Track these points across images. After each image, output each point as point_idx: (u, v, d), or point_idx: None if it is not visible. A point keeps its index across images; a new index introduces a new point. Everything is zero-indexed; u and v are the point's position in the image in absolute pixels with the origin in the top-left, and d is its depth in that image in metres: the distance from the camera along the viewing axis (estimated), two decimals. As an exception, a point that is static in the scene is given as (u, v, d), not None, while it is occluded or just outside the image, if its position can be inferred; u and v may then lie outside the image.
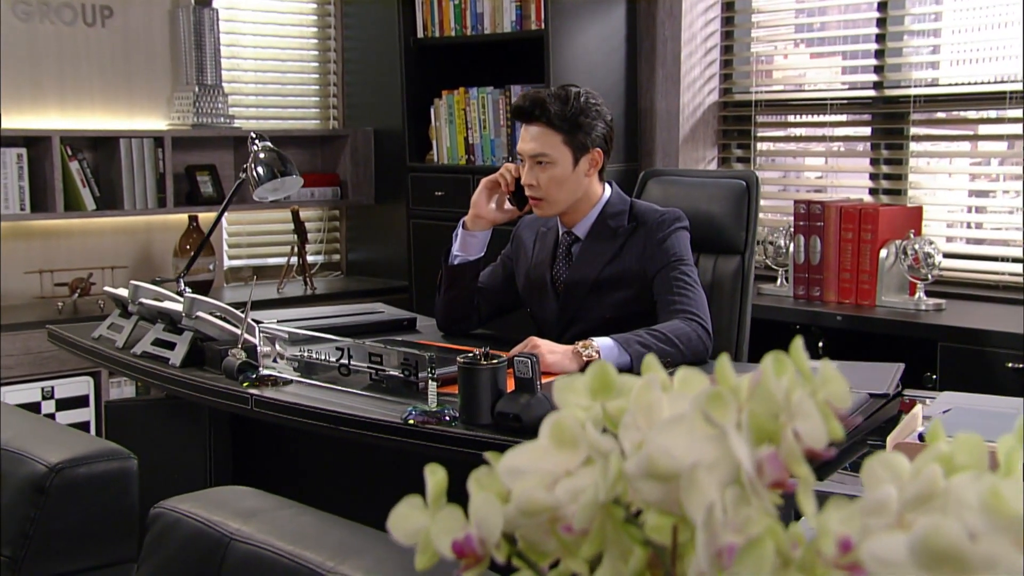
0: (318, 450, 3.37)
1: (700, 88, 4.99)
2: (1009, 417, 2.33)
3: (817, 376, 0.78)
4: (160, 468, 3.41)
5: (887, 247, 4.06)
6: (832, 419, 0.76)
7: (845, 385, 0.76)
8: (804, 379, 0.77)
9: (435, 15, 5.06)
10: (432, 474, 0.85)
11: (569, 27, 4.69)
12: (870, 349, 3.92)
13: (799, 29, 4.95)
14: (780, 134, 4.99)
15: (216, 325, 2.99)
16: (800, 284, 4.26)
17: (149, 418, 3.32)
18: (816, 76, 4.93)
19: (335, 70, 5.91)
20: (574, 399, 0.91)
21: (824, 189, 4.81)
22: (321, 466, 3.42)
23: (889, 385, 2.67)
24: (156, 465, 3.42)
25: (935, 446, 0.87)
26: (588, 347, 2.86)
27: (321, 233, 5.95)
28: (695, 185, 3.57)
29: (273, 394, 2.72)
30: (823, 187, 4.85)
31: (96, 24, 5.11)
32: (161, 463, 3.41)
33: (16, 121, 4.92)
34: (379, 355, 2.63)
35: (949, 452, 0.86)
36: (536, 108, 3.11)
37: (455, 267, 3.28)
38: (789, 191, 5.04)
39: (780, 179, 5.11)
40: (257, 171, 3.27)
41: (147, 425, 3.37)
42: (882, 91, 4.58)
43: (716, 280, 3.43)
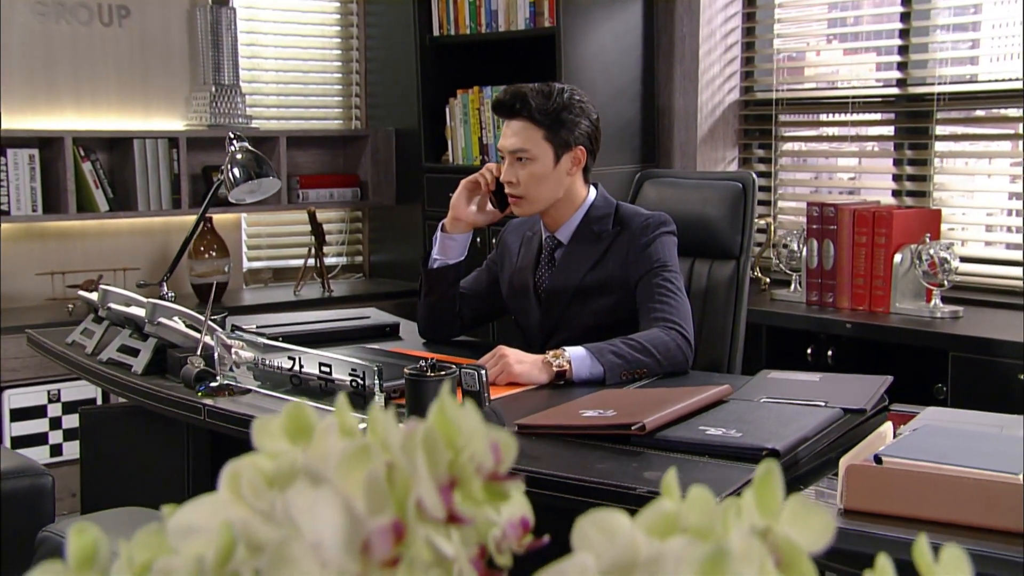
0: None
1: (720, 86, 4.84)
2: (987, 438, 2.18)
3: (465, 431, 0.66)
4: (137, 477, 3.35)
5: (902, 251, 3.89)
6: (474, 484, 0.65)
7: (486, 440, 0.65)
8: (442, 434, 0.66)
9: (450, 13, 4.98)
10: (78, 535, 0.74)
11: (583, 24, 4.57)
12: (881, 358, 3.76)
13: (824, 25, 4.79)
14: (802, 133, 4.83)
15: (179, 331, 2.91)
16: (813, 289, 4.11)
17: (125, 425, 3.25)
18: (842, 73, 4.77)
19: (358, 69, 5.84)
20: (270, 443, 0.80)
21: (856, 191, 4.65)
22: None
23: (869, 400, 2.52)
24: (132, 473, 3.36)
25: (660, 503, 0.75)
26: (559, 357, 2.75)
27: (343, 235, 5.88)
28: (691, 187, 3.44)
29: (227, 404, 2.63)
30: (853, 188, 4.69)
31: (113, 24, 5.08)
32: (138, 471, 3.34)
33: (31, 122, 4.90)
34: (328, 365, 2.53)
35: (675, 511, 0.75)
36: (517, 102, 3.01)
37: (434, 271, 3.18)
38: (818, 192, 4.87)
39: (802, 180, 4.94)
40: (233, 172, 3.20)
41: (123, 432, 3.30)
42: (906, 89, 4.41)
43: (711, 286, 3.30)
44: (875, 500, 1.91)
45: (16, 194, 4.74)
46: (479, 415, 0.67)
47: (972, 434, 2.17)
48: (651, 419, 2.25)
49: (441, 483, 0.61)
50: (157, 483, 3.30)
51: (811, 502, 0.72)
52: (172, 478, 3.26)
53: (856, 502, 1.93)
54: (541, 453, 2.25)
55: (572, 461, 2.19)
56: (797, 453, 2.21)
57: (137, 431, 3.24)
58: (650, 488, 1.98)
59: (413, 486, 0.62)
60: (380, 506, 0.62)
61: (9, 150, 4.74)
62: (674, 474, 0.75)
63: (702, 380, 2.78)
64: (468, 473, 0.63)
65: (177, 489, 3.25)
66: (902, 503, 1.89)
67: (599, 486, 2.03)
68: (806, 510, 0.72)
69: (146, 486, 3.33)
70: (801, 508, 0.72)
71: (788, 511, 0.73)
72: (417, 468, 0.61)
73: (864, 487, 1.93)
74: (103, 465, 3.35)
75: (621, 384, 2.75)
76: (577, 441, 2.29)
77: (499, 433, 0.68)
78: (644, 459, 2.17)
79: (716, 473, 2.08)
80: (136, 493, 3.35)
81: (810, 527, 0.72)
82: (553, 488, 2.09)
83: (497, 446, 0.66)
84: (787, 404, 2.49)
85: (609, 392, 2.62)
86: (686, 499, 0.75)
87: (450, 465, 0.63)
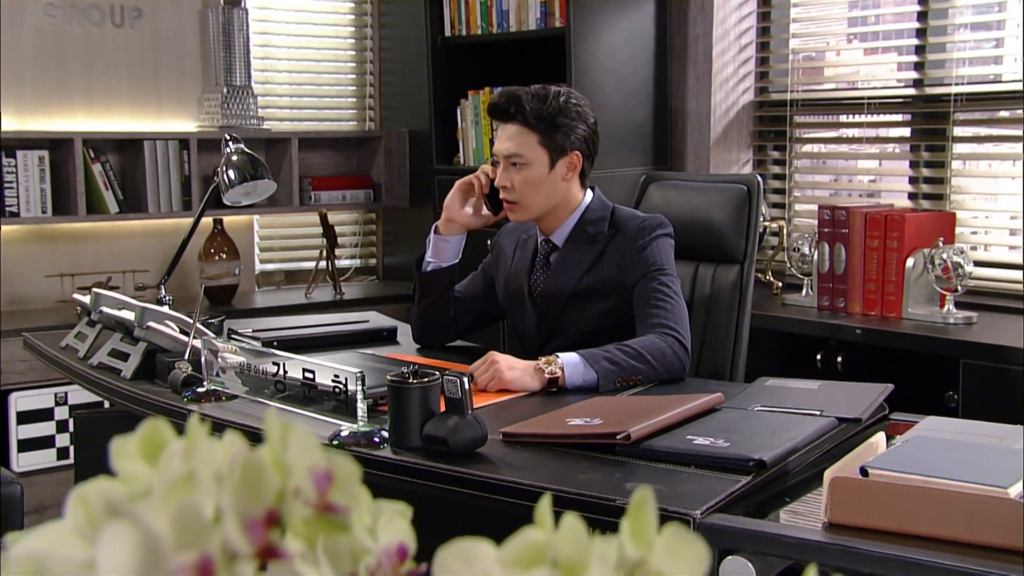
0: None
1: (734, 87, 4.77)
2: (980, 450, 2.11)
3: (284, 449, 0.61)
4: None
5: (914, 256, 3.81)
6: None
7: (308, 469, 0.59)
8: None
9: (462, 13, 4.93)
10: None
11: (594, 24, 4.51)
12: (892, 365, 3.68)
13: (840, 25, 4.71)
14: (817, 135, 4.75)
15: (169, 335, 2.87)
16: (824, 294, 4.02)
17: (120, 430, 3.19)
18: (858, 74, 4.69)
19: (372, 70, 5.79)
20: (127, 465, 0.75)
21: (875, 193, 4.56)
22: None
23: (866, 409, 2.45)
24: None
25: (527, 533, 0.70)
26: (551, 363, 2.70)
27: (356, 237, 5.84)
28: (696, 190, 3.37)
29: (212, 410, 2.59)
30: (869, 191, 4.60)
31: (124, 25, 5.05)
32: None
33: (43, 123, 4.88)
34: (311, 371, 2.48)
35: (544, 541, 0.69)
36: (512, 106, 2.96)
37: (427, 274, 3.13)
38: (837, 195, 4.78)
39: (817, 182, 4.86)
40: (228, 175, 3.16)
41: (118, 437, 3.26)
42: (923, 89, 4.33)
43: (714, 291, 3.23)
44: (860, 514, 1.85)
45: (25, 195, 4.72)
46: (312, 440, 0.61)
47: (965, 446, 2.10)
48: (636, 428, 2.19)
49: (255, 516, 0.56)
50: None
51: (686, 532, 0.67)
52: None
53: (841, 515, 1.87)
54: (524, 463, 2.20)
55: (555, 471, 2.14)
56: (787, 464, 2.15)
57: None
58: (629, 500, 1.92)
59: (222, 520, 0.57)
60: (190, 541, 0.56)
61: (19, 151, 4.72)
62: (548, 502, 0.70)
63: (698, 387, 2.72)
64: (293, 505, 0.58)
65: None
66: (888, 517, 1.83)
67: (578, 497, 1.98)
68: (681, 541, 0.67)
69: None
70: (676, 539, 0.67)
71: (663, 542, 0.67)
72: (224, 501, 0.56)
73: (849, 500, 1.86)
74: (98, 470, 3.30)
75: (616, 391, 2.69)
76: (562, 450, 2.24)
77: (338, 459, 0.62)
78: (628, 469, 2.12)
79: (700, 484, 2.02)
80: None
81: (685, 558, 0.67)
82: (532, 499, 2.03)
83: (329, 474, 0.60)
84: (780, 413, 2.43)
85: (598, 400, 2.56)
86: (559, 528, 0.70)
87: (277, 496, 0.58)
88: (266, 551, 0.56)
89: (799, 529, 1.95)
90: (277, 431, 0.61)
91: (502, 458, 2.22)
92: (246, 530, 0.55)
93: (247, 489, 0.57)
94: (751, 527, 1.88)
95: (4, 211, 4.70)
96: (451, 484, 2.15)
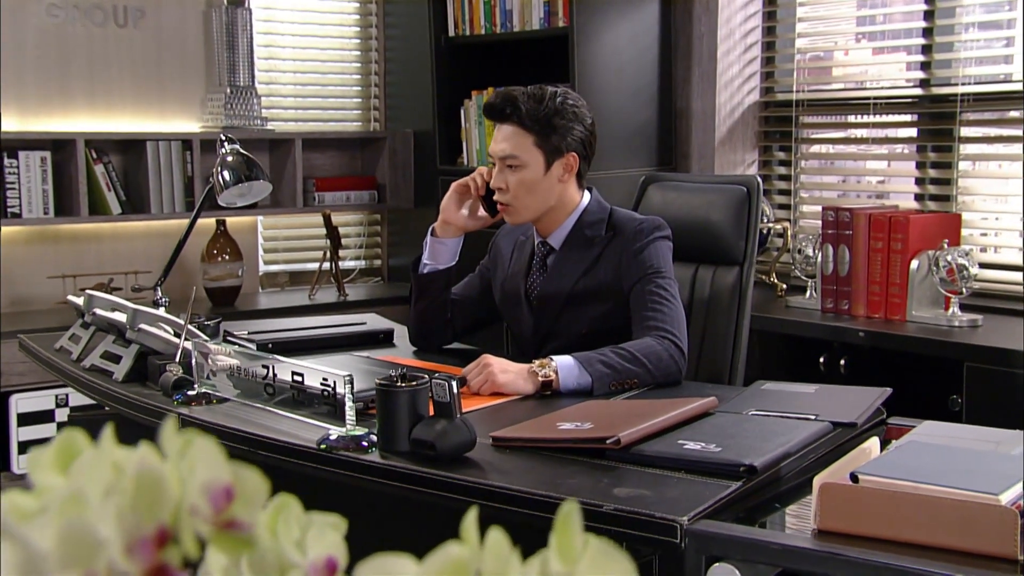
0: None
1: (739, 87, 4.73)
2: (974, 455, 2.07)
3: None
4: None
5: (919, 258, 3.76)
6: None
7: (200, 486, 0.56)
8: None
9: (466, 12, 4.90)
10: None
11: (598, 24, 4.47)
12: (896, 368, 3.64)
13: (847, 24, 4.66)
14: (823, 136, 4.71)
15: (161, 338, 2.84)
16: (828, 297, 3.98)
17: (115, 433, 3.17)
18: (864, 73, 4.64)
19: (377, 70, 5.77)
20: (43, 477, 0.72)
21: (884, 195, 4.51)
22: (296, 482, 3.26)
23: (861, 414, 2.41)
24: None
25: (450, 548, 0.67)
26: (545, 366, 2.66)
27: (361, 238, 5.81)
28: (695, 191, 3.34)
29: (202, 413, 2.56)
30: (876, 192, 4.56)
31: (128, 25, 5.03)
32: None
33: (45, 124, 4.87)
34: (300, 374, 2.45)
35: (467, 556, 0.66)
36: (507, 106, 2.93)
37: (424, 276, 3.10)
38: (845, 196, 4.73)
39: (823, 183, 4.81)
40: (223, 175, 3.13)
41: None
42: (929, 89, 4.28)
43: (713, 293, 3.19)
44: (850, 520, 1.82)
45: (27, 196, 4.70)
46: (214, 454, 0.58)
47: (959, 452, 2.07)
48: (627, 433, 2.16)
49: (145, 535, 0.53)
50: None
51: (611, 547, 0.64)
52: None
53: (830, 522, 1.83)
54: (513, 467, 2.17)
55: (543, 476, 2.11)
56: (779, 469, 2.12)
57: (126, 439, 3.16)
58: (617, 506, 1.90)
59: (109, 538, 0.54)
60: (76, 561, 0.53)
61: (20, 152, 4.71)
62: (474, 516, 0.67)
63: (695, 391, 2.68)
64: (187, 523, 0.55)
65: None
66: (878, 524, 1.79)
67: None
68: (606, 556, 0.64)
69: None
70: (602, 554, 0.64)
71: (588, 557, 0.65)
72: (111, 518, 0.53)
73: (839, 506, 1.83)
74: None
75: (610, 395, 2.66)
76: (552, 455, 2.20)
77: (243, 474, 0.59)
78: (617, 475, 2.09)
79: (689, 489, 1.99)
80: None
81: (611, 573, 0.64)
82: (519, 504, 2.01)
83: (231, 489, 0.57)
84: (775, 417, 2.39)
85: (591, 404, 2.53)
86: (484, 544, 0.67)
87: (172, 513, 0.55)
88: (156, 571, 0.53)
89: (787, 536, 1.91)
90: (177, 444, 0.58)
91: (490, 463, 2.19)
92: (134, 549, 0.52)
93: (140, 505, 0.54)
94: (738, 534, 1.84)
95: (6, 212, 4.69)
96: (438, 489, 2.12)
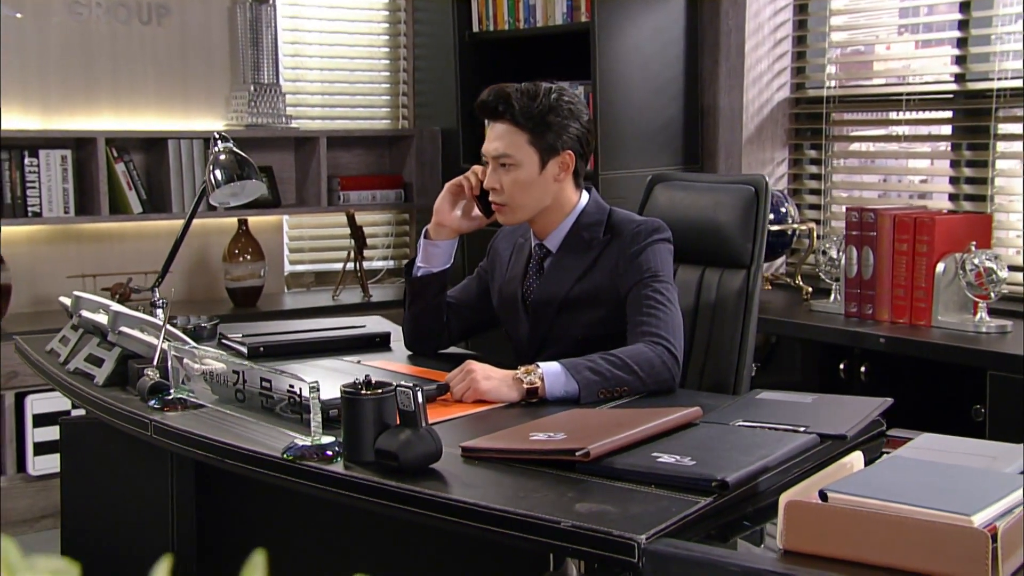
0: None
1: (768, 83, 4.59)
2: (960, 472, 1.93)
3: None
4: (119, 492, 3.22)
5: (945, 260, 3.61)
6: None
7: None
8: None
9: (489, 8, 4.83)
10: None
11: (621, 18, 4.36)
12: (917, 376, 3.50)
13: (882, 17, 4.50)
14: (854, 133, 4.56)
15: (142, 341, 2.77)
16: (852, 300, 3.83)
17: (106, 437, 3.11)
18: (899, 68, 4.48)
19: (405, 67, 5.69)
20: None
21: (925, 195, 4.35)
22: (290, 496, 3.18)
23: (853, 426, 2.28)
24: (114, 489, 3.23)
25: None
26: (531, 373, 2.56)
27: (389, 238, 5.73)
28: (703, 190, 3.21)
29: (174, 420, 2.49)
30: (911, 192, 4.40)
31: (152, 22, 5.00)
32: (119, 487, 3.21)
33: (68, 122, 4.84)
34: (268, 380, 2.37)
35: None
36: (500, 103, 2.82)
37: (417, 280, 3.00)
38: (885, 196, 4.57)
39: (855, 183, 4.66)
40: (215, 175, 3.05)
41: (105, 445, 3.16)
42: (964, 84, 4.12)
43: (720, 297, 3.06)
44: (816, 541, 1.70)
45: (48, 195, 4.68)
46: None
47: (942, 468, 1.93)
48: (597, 445, 2.06)
49: None
50: (139, 499, 3.17)
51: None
52: (155, 495, 3.12)
53: (796, 543, 1.72)
54: (478, 480, 2.08)
55: (507, 490, 2.02)
56: (757, 485, 2.00)
57: (119, 444, 3.10)
58: (575, 523, 1.79)
59: None
60: None
61: (42, 151, 4.68)
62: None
63: (688, 400, 2.57)
64: None
65: (160, 507, 3.11)
66: (845, 545, 1.68)
67: (522, 519, 1.85)
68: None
69: (128, 502, 3.20)
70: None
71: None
72: None
73: (805, 526, 1.71)
74: (84, 479, 3.22)
75: (599, 403, 2.55)
76: (522, 467, 2.10)
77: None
78: (584, 489, 1.98)
79: (654, 505, 1.88)
80: (118, 510, 3.22)
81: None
82: (478, 519, 1.91)
83: None
84: (761, 428, 2.27)
85: (571, 413, 2.42)
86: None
87: None
88: None
89: (749, 556, 1.80)
90: None
91: (456, 475, 2.09)
92: None
93: None
94: (697, 554, 1.73)
95: (27, 211, 4.67)
96: (398, 502, 2.03)
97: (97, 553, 3.21)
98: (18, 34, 4.75)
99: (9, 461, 4.47)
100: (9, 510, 4.45)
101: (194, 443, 2.39)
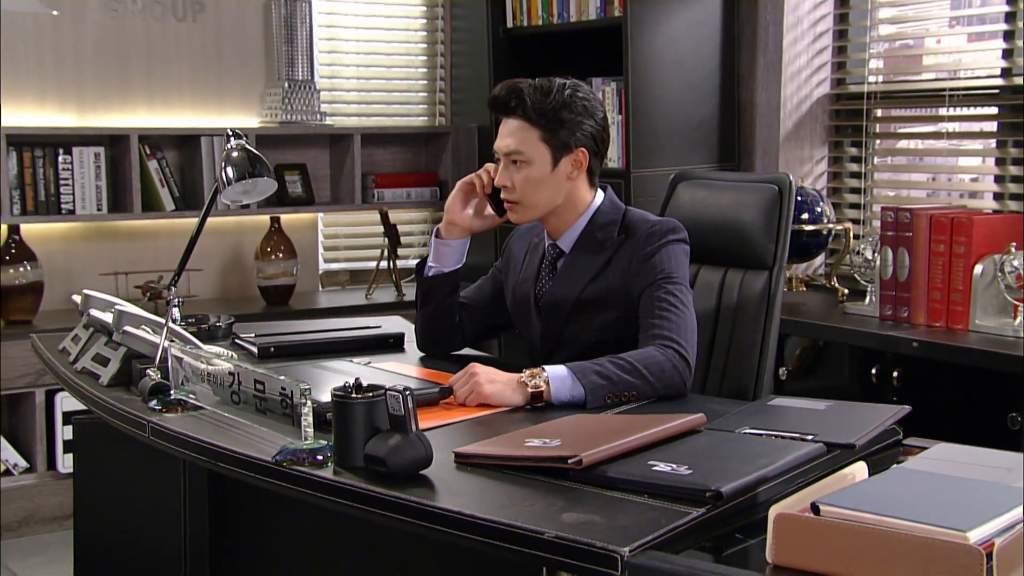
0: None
1: (807, 79, 4.47)
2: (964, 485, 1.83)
3: None
4: (131, 493, 3.18)
5: (983, 262, 3.49)
6: None
7: None
8: None
9: (523, 3, 4.78)
10: None
11: (655, 13, 4.28)
12: (952, 382, 3.38)
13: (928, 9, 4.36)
14: (896, 130, 4.44)
15: (147, 340, 2.72)
16: (887, 303, 3.72)
17: (118, 438, 3.06)
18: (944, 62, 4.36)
19: (443, 63, 5.63)
20: None
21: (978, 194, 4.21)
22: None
23: (863, 435, 2.19)
24: (129, 494, 3.19)
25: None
26: (536, 376, 2.48)
27: (424, 236, 5.68)
28: (726, 189, 3.12)
29: (171, 422, 2.44)
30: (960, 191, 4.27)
31: (187, 19, 4.98)
32: (134, 491, 3.17)
33: (103, 120, 4.84)
34: (262, 383, 2.31)
35: None
36: (512, 99, 2.76)
37: (428, 280, 2.94)
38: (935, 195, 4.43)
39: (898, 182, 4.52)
40: (226, 172, 2.99)
41: (117, 445, 3.12)
42: (1010, 79, 3.98)
43: (741, 299, 2.97)
44: (806, 555, 1.62)
45: (81, 193, 4.68)
46: None
47: (946, 481, 1.83)
48: (590, 453, 1.98)
49: None
50: (152, 500, 3.13)
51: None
52: (167, 496, 3.08)
53: (785, 557, 1.64)
54: (467, 488, 2.01)
55: (496, 499, 1.95)
56: (755, 495, 1.91)
57: (130, 443, 3.04)
58: (559, 533, 1.72)
59: None
60: None
61: (75, 148, 4.68)
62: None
63: (698, 405, 2.48)
64: None
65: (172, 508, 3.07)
66: (836, 560, 1.59)
67: (507, 529, 1.78)
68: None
69: (140, 503, 3.16)
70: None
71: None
72: None
73: (794, 540, 1.63)
74: (97, 480, 3.19)
75: (605, 408, 2.47)
76: (515, 474, 2.03)
77: None
78: (575, 498, 1.91)
79: (646, 516, 1.80)
80: (130, 510, 3.18)
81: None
82: (463, 528, 1.85)
83: None
84: (767, 436, 2.18)
85: (573, 418, 2.34)
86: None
87: None
88: None
89: (735, 572, 1.71)
90: None
91: (446, 482, 2.03)
92: None
93: None
94: (681, 568, 1.65)
95: (60, 208, 4.67)
96: (384, 509, 1.97)
97: (110, 553, 3.18)
98: (54, 31, 4.75)
99: (40, 458, 4.47)
100: (40, 507, 4.45)
101: (188, 446, 2.34)
